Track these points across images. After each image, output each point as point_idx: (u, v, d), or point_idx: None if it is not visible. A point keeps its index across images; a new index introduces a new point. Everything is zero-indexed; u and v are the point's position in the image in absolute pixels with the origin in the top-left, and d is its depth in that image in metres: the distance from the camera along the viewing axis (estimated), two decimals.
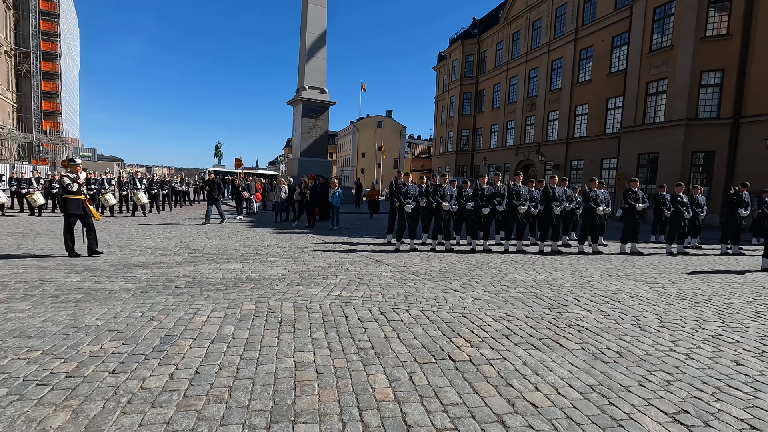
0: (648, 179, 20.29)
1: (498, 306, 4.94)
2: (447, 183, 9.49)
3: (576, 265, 7.96)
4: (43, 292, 4.82)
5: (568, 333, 4.07)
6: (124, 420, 2.34)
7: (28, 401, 2.50)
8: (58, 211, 14.81)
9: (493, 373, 3.12)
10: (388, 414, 2.51)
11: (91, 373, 2.88)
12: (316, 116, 23.79)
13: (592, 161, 25.18)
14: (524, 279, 6.53)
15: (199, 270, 6.34)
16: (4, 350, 3.20)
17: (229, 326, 3.91)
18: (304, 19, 23.26)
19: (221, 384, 2.79)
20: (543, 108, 29.53)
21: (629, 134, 21.29)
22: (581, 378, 3.08)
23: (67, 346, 3.33)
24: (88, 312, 4.17)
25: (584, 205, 10.00)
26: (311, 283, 5.77)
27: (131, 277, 5.69)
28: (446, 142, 42.51)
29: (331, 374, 3.00)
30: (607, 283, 6.49)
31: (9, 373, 2.83)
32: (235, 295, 5.00)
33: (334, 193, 12.73)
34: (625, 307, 5.12)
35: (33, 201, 13.49)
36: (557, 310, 4.84)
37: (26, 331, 3.59)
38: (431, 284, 5.95)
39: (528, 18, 31.31)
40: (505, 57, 34.25)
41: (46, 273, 5.79)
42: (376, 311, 4.55)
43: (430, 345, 3.63)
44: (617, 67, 23.64)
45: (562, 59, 27.90)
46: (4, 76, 36.58)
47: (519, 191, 9.41)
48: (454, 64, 40.57)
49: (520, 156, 32.11)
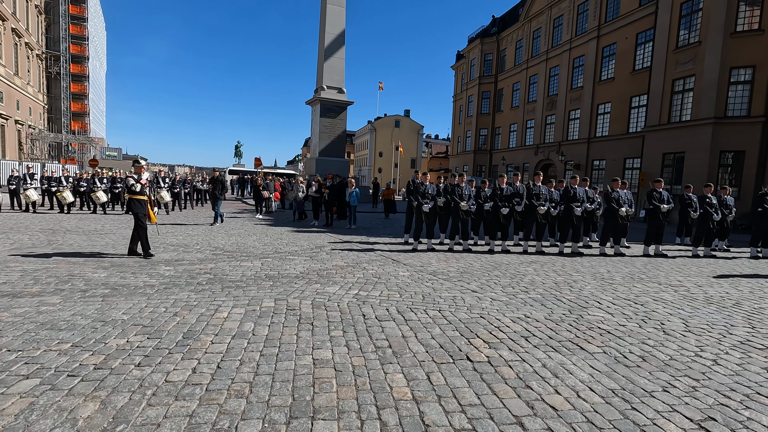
0: (673, 180, 19.71)
1: (517, 307, 4.89)
2: (465, 183, 9.42)
3: (597, 267, 7.80)
4: (72, 287, 5.00)
5: (589, 336, 4.00)
6: (150, 412, 2.42)
7: (59, 391, 2.60)
8: (86, 209, 15.31)
9: (512, 374, 3.09)
10: (406, 413, 2.52)
11: (118, 366, 2.97)
12: (334, 116, 23.93)
13: (614, 161, 24.61)
14: (544, 280, 6.44)
15: (220, 267, 6.46)
16: (37, 342, 3.33)
17: (249, 323, 3.98)
18: (323, 19, 23.41)
19: (242, 379, 2.85)
20: (564, 107, 29.01)
21: (654, 133, 20.72)
22: (603, 382, 3.02)
23: (96, 339, 3.44)
24: (115, 306, 4.31)
25: (606, 205, 9.79)
26: (329, 281, 5.81)
27: (155, 274, 5.85)
28: (464, 141, 42.19)
29: (349, 372, 3.03)
30: (630, 285, 6.35)
31: (42, 364, 2.95)
32: (254, 292, 5.09)
33: (352, 192, 12.80)
34: (648, 310, 5.00)
35: (62, 199, 13.97)
36: (578, 313, 4.76)
37: (57, 324, 3.73)
38: (449, 284, 5.93)
39: (549, 15, 30.80)
40: (525, 55, 33.77)
41: (75, 268, 5.99)
42: (394, 310, 4.56)
43: (447, 345, 3.62)
44: (641, 64, 23.03)
45: (583, 57, 27.35)
46: (36, 78, 37.99)
47: (539, 191, 9.28)
48: (473, 63, 40.22)
49: (540, 156, 31.62)
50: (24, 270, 5.77)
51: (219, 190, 12.78)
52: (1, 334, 3.46)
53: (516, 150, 34.84)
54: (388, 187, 18.76)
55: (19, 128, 32.96)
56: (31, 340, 3.35)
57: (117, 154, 59.23)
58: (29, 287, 4.93)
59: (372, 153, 67.47)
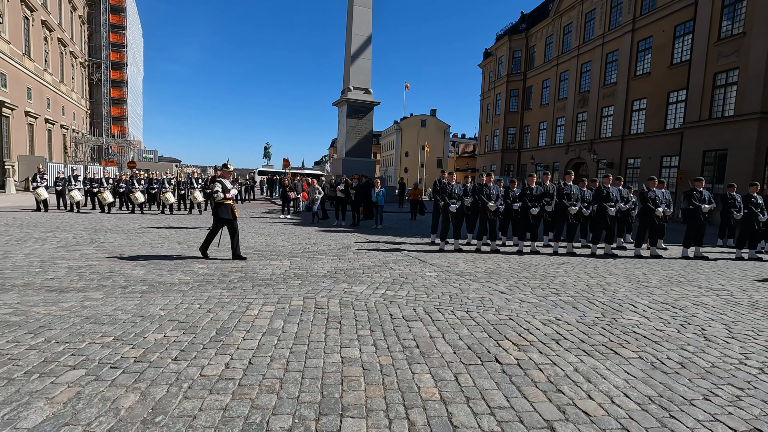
0: (714, 178, 18.77)
1: (547, 309, 4.78)
2: (493, 182, 9.29)
3: (632, 270, 7.53)
4: (113, 283, 5.25)
5: (624, 340, 3.86)
6: (186, 404, 2.51)
7: (103, 382, 2.74)
8: (124, 209, 16.02)
9: (543, 378, 3.03)
10: (434, 413, 2.51)
11: (156, 359, 3.10)
12: (361, 116, 24.09)
13: (650, 159, 23.66)
14: (575, 282, 6.27)
15: (251, 266, 6.63)
16: (82, 335, 3.52)
17: (279, 320, 4.07)
18: (350, 21, 23.62)
19: (273, 375, 2.92)
20: (596, 103, 28.13)
21: (693, 130, 19.79)
22: (638, 388, 2.92)
23: (135, 333, 3.60)
24: (152, 302, 4.49)
25: (642, 205, 9.43)
26: (356, 280, 5.86)
27: (189, 271, 6.06)
28: (491, 140, 41.59)
29: (377, 371, 3.05)
30: (668, 289, 6.09)
31: (86, 356, 3.12)
32: (284, 290, 5.19)
33: (378, 192, 12.84)
34: (687, 315, 4.78)
35: (103, 199, 14.68)
36: (611, 316, 4.61)
37: (100, 318, 3.93)
38: (476, 285, 5.86)
39: (580, 10, 29.94)
40: (555, 51, 32.95)
41: (115, 265, 6.29)
42: (421, 311, 4.55)
43: (475, 346, 3.58)
44: (680, 58, 22.05)
45: (617, 52, 26.42)
46: (79, 85, 40.07)
47: (570, 191, 9.04)
48: (501, 61, 39.58)
49: (571, 154, 30.78)
50: (70, 267, 6.10)
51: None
52: (50, 326, 3.68)
53: (546, 148, 34.04)
54: (415, 186, 18.03)
55: (64, 132, 34.85)
56: (76, 333, 3.55)
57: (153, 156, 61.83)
58: (74, 283, 5.21)
59: (398, 153, 67.49)
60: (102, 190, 15.00)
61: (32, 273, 5.65)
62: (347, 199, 13.60)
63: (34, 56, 28.25)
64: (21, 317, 3.89)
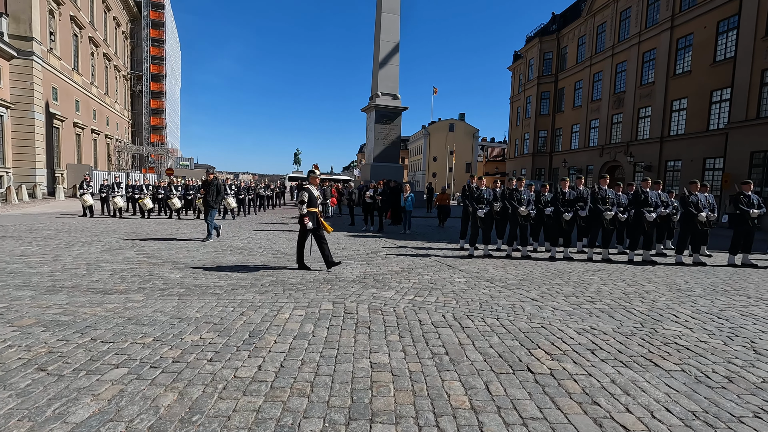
0: (763, 181, 17.69)
1: (581, 318, 4.63)
2: (524, 187, 9.11)
3: (673, 277, 7.19)
4: (153, 286, 5.48)
5: (664, 352, 3.69)
6: (221, 405, 2.59)
7: (144, 381, 2.86)
8: (162, 215, 16.71)
9: (578, 389, 2.93)
10: (464, 422, 2.48)
11: (193, 360, 3.22)
12: (389, 122, 24.22)
13: (692, 161, 22.56)
14: (611, 290, 6.04)
15: (281, 270, 6.76)
16: (125, 335, 3.69)
17: (309, 324, 4.13)
18: (378, 28, 23.85)
19: (303, 379, 2.96)
20: (632, 104, 27.13)
21: (739, 130, 18.74)
22: (681, 402, 2.78)
23: (173, 334, 3.75)
24: (189, 305, 4.66)
25: (683, 210, 8.99)
26: (385, 286, 5.88)
27: (223, 275, 6.25)
28: (522, 144, 40.81)
29: (406, 377, 3.04)
30: (712, 298, 5.77)
31: (129, 355, 3.27)
32: (314, 295, 5.27)
33: (407, 197, 12.84)
34: (735, 326, 4.52)
35: (144, 205, 15.39)
36: (651, 326, 4.41)
37: (141, 320, 4.12)
38: (507, 292, 5.75)
39: (615, 8, 29.04)
40: (588, 52, 32.06)
41: (154, 269, 6.57)
42: (450, 317, 4.51)
43: (507, 355, 3.51)
44: (723, 55, 20.98)
45: (655, 50, 25.43)
46: (122, 96, 42.26)
47: (605, 195, 8.74)
48: (531, 63, 38.88)
49: (606, 157, 29.77)
50: (113, 270, 6.42)
51: (212, 197, 9.90)
52: (96, 326, 3.88)
53: (579, 151, 33.09)
54: (443, 191, 17.16)
55: (108, 141, 36.78)
56: (119, 333, 3.73)
57: (189, 163, 64.43)
58: (117, 285, 5.48)
59: (426, 157, 67.29)
60: (142, 196, 15.72)
61: (79, 275, 5.98)
62: (374, 204, 13.63)
63: (82, 71, 30.02)
64: (70, 317, 4.12)
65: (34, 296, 4.84)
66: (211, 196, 9.84)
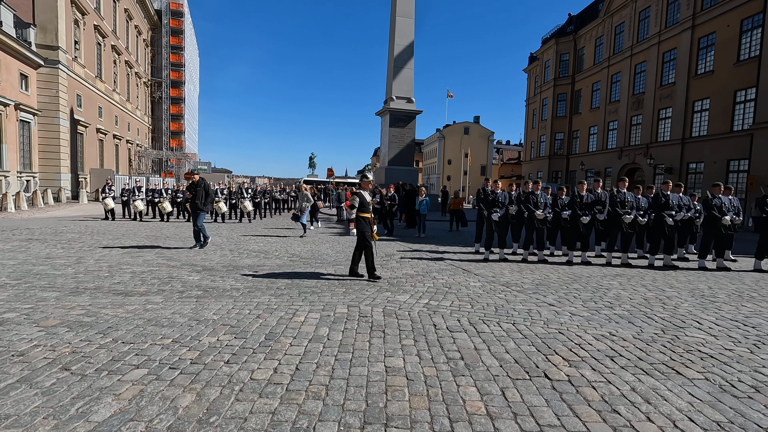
0: None
1: (600, 324, 4.54)
2: (540, 190, 9.01)
3: (696, 283, 6.99)
4: (172, 288, 5.59)
5: (687, 359, 3.59)
6: (238, 406, 2.62)
7: (163, 381, 2.92)
8: (181, 218, 17.03)
9: (596, 396, 2.88)
10: (480, 428, 2.46)
11: (210, 362, 3.26)
12: (403, 125, 24.23)
13: (715, 163, 21.96)
14: (631, 296, 5.91)
15: (297, 273, 6.82)
16: (144, 336, 3.77)
17: (324, 327, 4.15)
18: (392, 31, 23.92)
19: (319, 382, 2.98)
20: (652, 105, 26.58)
21: (765, 131, 18.17)
22: (705, 412, 2.70)
23: (191, 336, 3.81)
24: (207, 307, 4.74)
25: (706, 213, 8.76)
26: (399, 290, 5.87)
27: (240, 278, 6.34)
28: (538, 146, 40.34)
29: (421, 382, 3.03)
30: (737, 304, 5.60)
31: (149, 356, 3.33)
32: (328, 298, 5.29)
33: (422, 201, 12.81)
34: (761, 334, 4.37)
35: (163, 209, 15.72)
36: (672, 333, 4.30)
37: (160, 321, 4.20)
38: (523, 296, 5.68)
39: (633, 8, 28.55)
40: (606, 52, 31.57)
41: (173, 271, 6.70)
42: (465, 321, 4.48)
43: (523, 360, 3.47)
44: (748, 54, 20.41)
45: (675, 50, 24.90)
46: (143, 103, 43.33)
47: (624, 198, 8.57)
48: (547, 65, 38.46)
49: (624, 159, 29.20)
50: (134, 272, 6.57)
51: (201, 200, 9.16)
52: (117, 327, 3.97)
53: (596, 154, 32.54)
54: (456, 195, 16.35)
55: (129, 147, 37.72)
56: (140, 335, 3.81)
57: (207, 167, 65.65)
58: (137, 287, 5.60)
59: (441, 161, 67.03)
60: (162, 200, 16.06)
61: (101, 277, 6.14)
62: (382, 209, 13.45)
63: (105, 78, 30.91)
64: (92, 318, 4.23)
65: (59, 297, 4.98)
66: (199, 199, 9.13)
